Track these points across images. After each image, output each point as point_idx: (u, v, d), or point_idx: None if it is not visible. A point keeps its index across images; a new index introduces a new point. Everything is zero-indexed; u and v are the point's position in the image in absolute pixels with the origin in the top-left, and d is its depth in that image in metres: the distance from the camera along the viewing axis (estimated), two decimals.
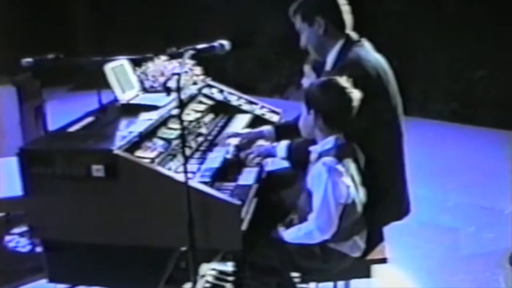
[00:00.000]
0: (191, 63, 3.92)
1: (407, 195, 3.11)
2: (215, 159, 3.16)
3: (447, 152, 6.63)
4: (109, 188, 2.66)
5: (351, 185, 2.66)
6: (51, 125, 4.50)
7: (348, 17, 3.07)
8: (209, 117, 3.83)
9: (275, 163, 3.39)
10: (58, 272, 2.96)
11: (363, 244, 2.82)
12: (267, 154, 3.23)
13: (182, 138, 2.59)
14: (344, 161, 2.66)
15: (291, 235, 2.76)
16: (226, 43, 3.06)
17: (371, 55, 3.01)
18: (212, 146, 3.43)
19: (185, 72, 3.80)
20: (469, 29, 7.66)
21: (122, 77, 3.47)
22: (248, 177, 3.08)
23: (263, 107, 4.11)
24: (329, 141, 2.73)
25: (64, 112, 3.49)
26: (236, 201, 2.60)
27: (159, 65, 3.74)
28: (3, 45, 8.61)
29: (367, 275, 2.93)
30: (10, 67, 5.49)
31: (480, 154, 6.61)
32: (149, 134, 3.05)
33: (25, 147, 2.84)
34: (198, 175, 2.92)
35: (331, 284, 3.15)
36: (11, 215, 4.55)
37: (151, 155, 2.85)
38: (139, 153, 2.83)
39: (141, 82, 3.72)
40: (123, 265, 2.85)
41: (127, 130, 2.98)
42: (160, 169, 2.68)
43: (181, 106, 2.57)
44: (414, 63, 8.27)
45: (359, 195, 2.71)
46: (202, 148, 3.36)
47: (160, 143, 3.03)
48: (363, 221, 2.79)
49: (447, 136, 7.37)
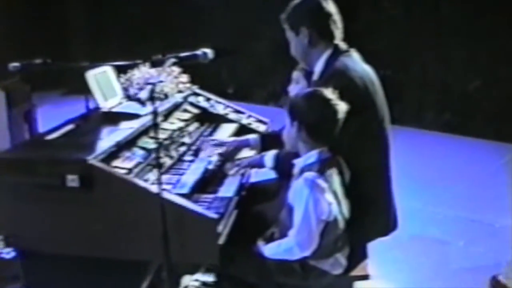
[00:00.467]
0: (177, 70, 3.87)
1: (394, 210, 3.04)
2: (196, 170, 3.09)
3: (440, 162, 6.55)
4: (84, 198, 2.60)
5: (333, 202, 2.59)
6: (43, 129, 4.45)
7: (337, 27, 3.00)
8: (193, 126, 3.76)
9: (259, 174, 3.33)
10: (34, 281, 2.90)
11: (344, 261, 2.75)
12: (256, 164, 3.18)
13: (156, 150, 2.52)
14: (327, 176, 2.60)
15: (271, 250, 2.70)
16: (209, 52, 3.01)
17: (359, 65, 2.95)
18: (195, 156, 3.35)
19: (168, 79, 3.75)
20: (464, 39, 7.60)
21: (104, 84, 3.42)
22: (229, 188, 3.02)
23: (250, 116, 4.06)
24: (312, 155, 2.66)
25: (57, 116, 3.43)
26: (212, 215, 2.53)
27: (145, 73, 3.68)
28: None
29: None
30: None
31: (472, 165, 6.53)
32: (129, 143, 2.99)
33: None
34: (177, 187, 2.86)
35: None
36: None
37: (129, 165, 2.78)
38: (116, 163, 2.76)
39: (126, 89, 3.65)
40: (100, 276, 2.78)
41: (106, 139, 2.92)
42: (134, 180, 2.62)
43: (155, 117, 2.50)
44: (408, 72, 8.25)
45: (341, 211, 2.64)
46: (184, 158, 3.28)
47: (139, 152, 2.96)
48: (346, 237, 2.72)
49: (440, 146, 7.30)
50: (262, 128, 3.94)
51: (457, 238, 4.75)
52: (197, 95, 4.09)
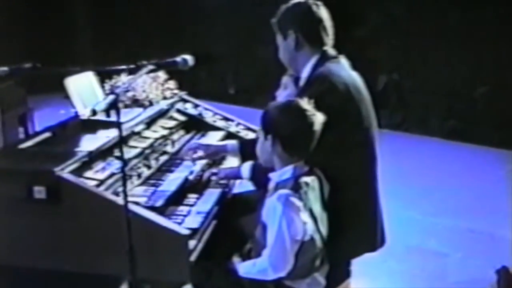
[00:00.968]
0: (163, 77, 3.78)
1: (381, 225, 2.89)
2: (174, 181, 2.98)
3: (441, 171, 6.42)
4: (51, 210, 2.51)
5: (309, 221, 2.45)
6: None
7: (327, 33, 2.88)
8: (179, 134, 3.65)
9: (243, 185, 3.21)
10: None
11: (323, 280, 2.61)
12: (233, 176, 3.07)
13: (123, 162, 2.40)
14: (302, 194, 2.45)
15: (245, 269, 2.56)
16: (189, 58, 2.92)
17: (345, 71, 2.83)
18: (175, 165, 3.24)
19: (154, 86, 3.66)
20: (472, 45, 7.49)
21: (85, 90, 3.32)
22: (208, 200, 2.92)
23: (239, 124, 3.94)
24: (287, 171, 2.52)
25: (57, 119, 3.35)
26: (183, 231, 2.42)
27: (130, 79, 3.58)
28: None
29: None
30: None
31: (474, 173, 6.39)
32: (104, 152, 2.89)
33: None
34: (152, 199, 2.74)
35: None
36: None
37: (101, 176, 2.69)
38: (88, 174, 2.67)
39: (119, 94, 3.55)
40: None
41: (80, 148, 2.82)
42: (102, 193, 2.52)
43: (120, 128, 2.38)
44: (415, 77, 8.14)
45: (318, 230, 2.51)
46: (163, 168, 3.17)
47: (115, 163, 2.85)
48: (325, 255, 2.58)
49: (443, 153, 7.19)
50: (251, 136, 3.81)
51: (455, 249, 4.62)
52: (185, 101, 3.99)
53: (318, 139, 2.53)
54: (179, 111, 3.84)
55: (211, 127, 3.86)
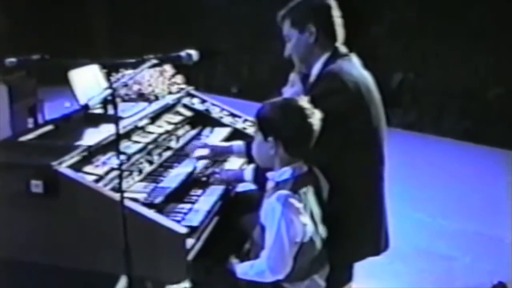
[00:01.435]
0: (170, 71, 3.73)
1: (386, 229, 2.83)
2: (175, 177, 2.92)
3: (454, 172, 6.35)
4: (49, 205, 2.47)
5: (309, 222, 2.39)
6: None
7: (339, 29, 2.82)
8: (184, 130, 3.60)
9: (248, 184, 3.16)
10: None
11: (323, 282, 2.55)
12: (236, 179, 3.02)
13: (120, 157, 2.36)
14: (301, 194, 2.40)
15: (243, 270, 2.51)
16: (194, 53, 2.86)
17: (356, 69, 2.77)
18: (178, 161, 3.18)
19: (160, 80, 3.61)
20: (489, 45, 7.39)
21: (89, 83, 3.27)
22: (209, 198, 2.86)
23: (246, 121, 3.88)
24: (286, 171, 2.46)
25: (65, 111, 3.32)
26: (181, 229, 2.36)
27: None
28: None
29: None
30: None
31: (488, 176, 6.31)
32: (106, 147, 2.84)
33: None
34: (151, 195, 2.69)
35: None
36: None
37: (101, 171, 2.64)
38: (88, 169, 2.63)
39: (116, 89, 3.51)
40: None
41: (81, 142, 2.78)
42: (100, 188, 2.47)
43: (117, 123, 2.34)
44: (429, 76, 8.04)
45: (318, 231, 2.46)
46: (166, 164, 3.12)
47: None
48: (325, 257, 2.53)
49: (456, 154, 7.11)
50: None
51: (464, 253, 4.56)
52: (192, 96, 3.94)
53: (324, 138, 2.47)
54: (185, 106, 3.79)
55: (218, 123, 3.80)
